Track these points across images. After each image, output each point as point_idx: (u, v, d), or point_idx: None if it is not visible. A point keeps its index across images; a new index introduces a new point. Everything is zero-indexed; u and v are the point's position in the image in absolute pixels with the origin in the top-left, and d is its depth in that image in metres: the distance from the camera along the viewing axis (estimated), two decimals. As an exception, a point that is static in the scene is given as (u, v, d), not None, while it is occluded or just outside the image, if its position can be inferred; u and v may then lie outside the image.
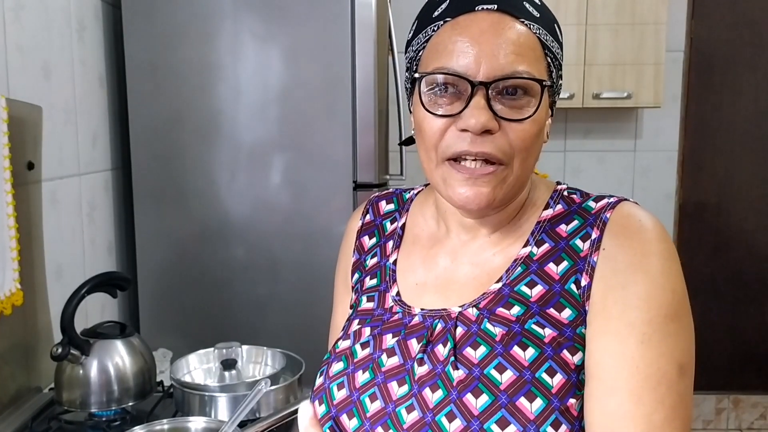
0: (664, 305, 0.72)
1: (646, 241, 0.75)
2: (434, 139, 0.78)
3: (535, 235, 0.83)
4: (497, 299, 0.79)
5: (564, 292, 0.77)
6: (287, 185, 1.77)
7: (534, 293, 0.78)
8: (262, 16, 1.73)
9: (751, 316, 3.17)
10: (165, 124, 1.78)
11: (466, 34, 0.76)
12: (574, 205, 0.83)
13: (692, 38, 3.04)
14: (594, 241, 0.77)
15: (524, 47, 0.75)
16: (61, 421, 1.30)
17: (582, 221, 0.80)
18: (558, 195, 0.86)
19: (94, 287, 1.31)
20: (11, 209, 1.25)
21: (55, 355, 1.24)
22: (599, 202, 0.81)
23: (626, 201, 0.80)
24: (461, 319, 0.80)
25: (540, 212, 0.84)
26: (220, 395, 1.28)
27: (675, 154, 3.10)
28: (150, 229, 1.81)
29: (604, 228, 0.77)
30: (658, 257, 0.74)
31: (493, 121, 0.75)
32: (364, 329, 0.85)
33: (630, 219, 0.77)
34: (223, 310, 1.82)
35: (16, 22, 1.38)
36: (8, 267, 1.25)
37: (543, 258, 0.80)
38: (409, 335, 0.81)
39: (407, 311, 0.84)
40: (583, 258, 0.77)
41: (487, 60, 0.74)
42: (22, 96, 1.40)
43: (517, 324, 0.77)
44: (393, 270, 0.90)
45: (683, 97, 3.08)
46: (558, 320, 0.76)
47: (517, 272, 0.81)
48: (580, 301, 0.76)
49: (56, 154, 1.54)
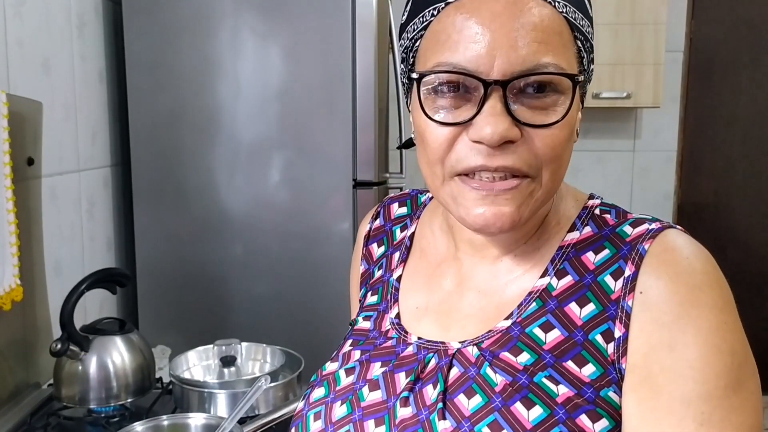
0: (724, 373, 0.58)
1: (695, 287, 0.60)
2: (440, 152, 0.63)
3: (555, 263, 0.68)
4: (504, 340, 0.66)
5: (587, 343, 0.62)
6: (287, 183, 1.76)
7: (549, 339, 0.64)
8: (262, 13, 1.73)
9: (749, 315, 3.15)
10: (165, 121, 1.77)
11: (474, 18, 0.60)
12: (606, 228, 0.68)
13: (692, 39, 3.05)
14: (627, 279, 0.62)
15: (549, 32, 0.60)
16: (60, 417, 1.30)
17: (614, 251, 0.66)
18: (588, 213, 0.71)
19: (93, 283, 1.31)
20: (11, 205, 1.25)
21: (54, 351, 1.24)
22: (637, 228, 0.66)
23: (671, 228, 0.65)
24: (459, 358, 0.67)
25: (564, 233, 0.70)
26: (219, 392, 1.28)
27: (674, 154, 3.10)
28: (149, 225, 1.81)
29: (640, 263, 0.62)
30: (712, 308, 0.59)
31: (513, 128, 0.60)
32: (354, 352, 0.76)
33: (675, 254, 0.62)
34: (222, 308, 1.81)
35: (16, 18, 1.38)
36: (8, 263, 1.25)
37: (564, 295, 0.66)
38: (398, 367, 0.70)
39: (402, 338, 0.73)
40: (615, 301, 0.63)
41: (503, 51, 0.59)
42: (22, 91, 1.39)
43: (525, 375, 0.63)
44: (396, 288, 0.79)
45: (682, 98, 3.09)
46: (577, 377, 0.61)
47: (531, 308, 0.67)
48: (608, 356, 0.61)
49: (56, 150, 1.54)
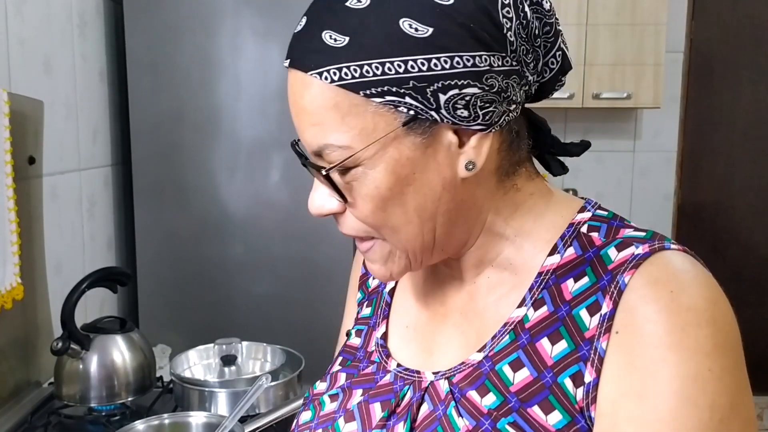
0: (695, 429, 0.51)
1: (676, 327, 0.53)
2: None
3: (534, 291, 0.62)
4: (474, 377, 0.61)
5: (556, 386, 0.57)
6: (286, 182, 1.77)
7: (517, 379, 0.59)
8: (262, 12, 1.73)
9: (748, 316, 3.16)
10: (165, 120, 1.77)
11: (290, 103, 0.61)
12: (589, 251, 0.61)
13: (692, 39, 3.05)
14: (604, 317, 0.56)
15: (321, 111, 0.57)
16: (61, 415, 1.30)
17: (593, 280, 0.58)
18: (573, 232, 0.63)
19: (94, 282, 1.31)
20: (12, 204, 1.25)
21: (55, 349, 1.24)
22: (622, 252, 0.58)
23: (663, 251, 0.57)
24: (430, 393, 0.63)
25: (544, 257, 0.63)
26: (220, 391, 1.28)
27: (674, 154, 3.10)
28: (150, 225, 1.81)
29: (619, 299, 0.55)
30: (695, 353, 0.52)
31: (330, 200, 0.62)
32: (340, 374, 0.73)
33: (658, 288, 0.54)
34: (222, 307, 1.82)
35: (17, 17, 1.38)
36: (9, 261, 1.25)
37: (537, 328, 0.60)
38: (374, 397, 0.66)
39: (383, 364, 0.69)
40: (588, 340, 0.56)
41: (302, 137, 0.61)
42: (24, 90, 1.39)
43: (488, 419, 0.58)
44: (387, 303, 0.75)
45: (682, 98, 3.09)
46: (542, 425, 0.56)
47: (504, 342, 0.61)
48: (576, 404, 0.56)
49: (56, 149, 1.54)
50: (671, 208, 3.14)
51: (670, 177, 3.11)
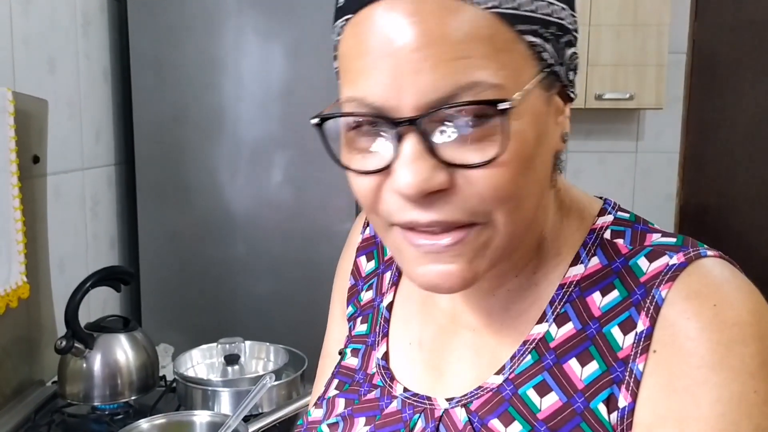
0: None
1: (721, 344, 0.48)
2: (368, 203, 0.53)
3: (555, 305, 0.56)
4: (494, 403, 0.56)
5: (588, 412, 0.52)
6: (290, 182, 1.77)
7: (545, 405, 0.53)
8: (266, 12, 1.73)
9: (750, 318, 3.17)
10: (169, 120, 1.78)
11: (372, 38, 0.48)
12: (617, 261, 0.55)
13: (695, 40, 3.05)
14: (640, 336, 0.51)
15: (472, 41, 0.46)
16: (64, 414, 1.31)
17: (624, 294, 0.53)
18: (595, 239, 0.57)
19: (98, 281, 1.31)
20: (18, 202, 1.26)
21: (59, 348, 1.25)
22: (654, 263, 0.53)
23: (700, 259, 0.52)
24: (446, 423, 0.57)
25: (566, 267, 0.57)
26: (223, 390, 1.28)
27: (676, 155, 3.10)
28: (153, 224, 1.82)
29: (657, 315, 0.50)
30: (740, 372, 0.47)
31: (438, 175, 0.47)
32: (338, 400, 0.66)
33: (700, 302, 0.50)
34: (225, 306, 1.82)
35: (22, 16, 1.38)
36: (15, 260, 1.25)
37: (563, 348, 0.54)
38: (381, 428, 0.60)
39: (387, 389, 0.63)
40: (622, 361, 0.51)
41: (409, 78, 0.46)
42: (28, 89, 1.40)
43: None
44: (386, 318, 0.68)
45: (685, 99, 3.09)
46: None
47: (526, 362, 0.56)
48: (611, 429, 0.51)
49: (60, 149, 1.54)
50: (673, 209, 3.14)
51: (672, 178, 3.11)
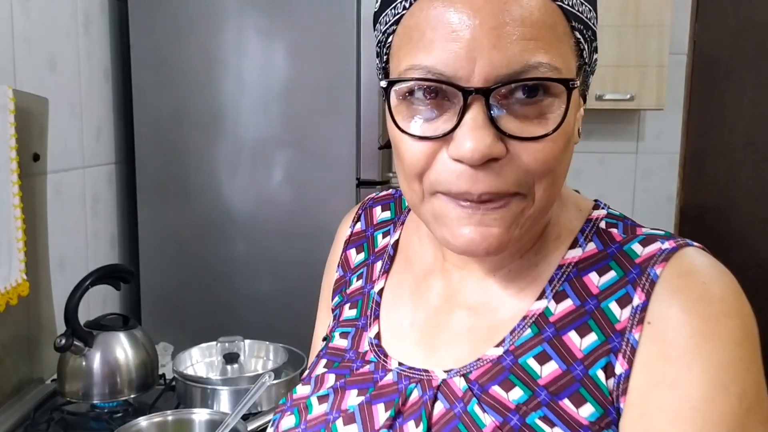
0: (728, 417, 0.51)
1: (710, 317, 0.53)
2: (416, 168, 0.56)
3: (554, 284, 0.61)
4: (495, 372, 0.59)
5: (587, 378, 0.56)
6: (290, 181, 1.77)
7: (545, 373, 0.57)
8: (267, 12, 1.73)
9: (750, 319, 3.17)
10: (169, 119, 1.78)
11: (451, 12, 0.51)
12: (612, 246, 0.61)
13: (695, 41, 3.05)
14: (636, 309, 0.56)
15: (540, 26, 0.51)
16: (64, 412, 1.31)
17: (621, 273, 0.58)
18: (592, 227, 0.63)
19: (97, 279, 1.32)
20: (18, 200, 1.26)
21: (58, 346, 1.25)
22: (648, 247, 0.59)
23: (687, 247, 0.58)
24: (444, 391, 0.60)
25: (565, 249, 0.62)
26: (222, 388, 1.28)
27: (677, 156, 3.10)
28: (153, 223, 1.82)
29: (651, 291, 0.56)
30: (727, 342, 0.53)
31: (498, 144, 0.52)
32: (328, 375, 0.68)
33: (690, 280, 0.55)
34: (225, 305, 1.82)
35: (23, 14, 1.38)
36: (15, 258, 1.25)
37: (563, 321, 0.59)
38: (376, 398, 0.63)
39: (382, 363, 0.66)
40: (620, 332, 0.56)
41: (484, 52, 0.50)
42: (29, 88, 1.40)
43: (516, 415, 0.56)
44: (377, 302, 0.72)
45: (686, 100, 3.09)
46: (574, 419, 0.55)
47: (526, 335, 0.60)
48: (609, 395, 0.55)
49: (61, 147, 1.55)
50: (673, 210, 3.14)
51: (672, 179, 3.11)
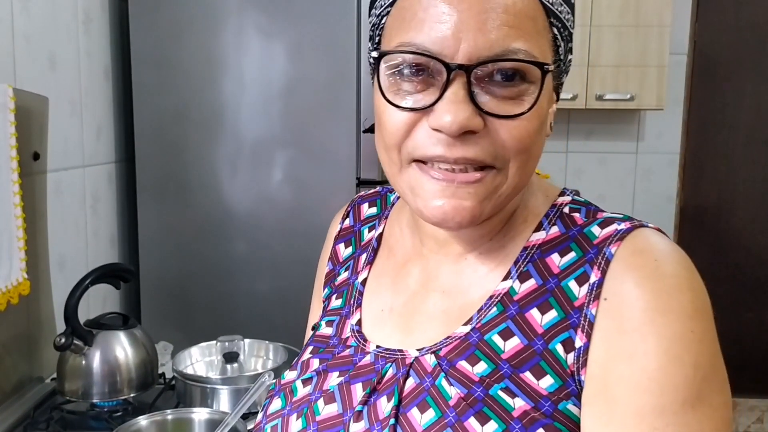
0: (683, 386, 0.54)
1: (662, 292, 0.56)
2: (397, 137, 0.60)
3: (519, 265, 0.64)
4: (462, 348, 0.62)
5: (547, 352, 0.59)
6: (290, 181, 1.77)
7: (508, 347, 0.61)
8: (267, 11, 1.73)
9: (750, 319, 3.18)
10: (169, 118, 1.78)
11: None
12: (573, 229, 0.64)
13: (696, 41, 3.05)
14: (593, 286, 0.59)
15: (522, 16, 0.56)
16: (63, 411, 1.31)
17: (580, 254, 0.62)
18: (556, 212, 0.67)
19: (98, 278, 1.32)
20: (18, 199, 1.26)
21: (58, 345, 1.25)
22: (605, 229, 0.62)
23: (642, 228, 0.61)
24: (416, 368, 0.64)
25: (530, 232, 0.66)
26: (222, 387, 1.28)
27: (677, 156, 3.10)
28: (153, 222, 1.82)
29: (607, 269, 0.59)
30: (679, 315, 0.55)
31: (476, 118, 0.56)
32: (312, 360, 0.72)
33: (642, 257, 0.58)
34: (224, 304, 1.82)
35: (23, 13, 1.38)
36: (15, 257, 1.25)
37: (525, 300, 0.62)
38: (354, 378, 0.66)
39: (361, 347, 0.70)
40: (578, 309, 0.59)
41: (470, 34, 0.55)
42: (29, 86, 1.40)
43: (480, 387, 0.59)
44: (360, 292, 0.76)
45: (686, 100, 3.09)
46: (534, 389, 0.58)
47: (491, 314, 0.63)
48: (567, 368, 0.58)
49: (61, 146, 1.55)
50: (673, 210, 3.14)
51: (672, 179, 3.11)
